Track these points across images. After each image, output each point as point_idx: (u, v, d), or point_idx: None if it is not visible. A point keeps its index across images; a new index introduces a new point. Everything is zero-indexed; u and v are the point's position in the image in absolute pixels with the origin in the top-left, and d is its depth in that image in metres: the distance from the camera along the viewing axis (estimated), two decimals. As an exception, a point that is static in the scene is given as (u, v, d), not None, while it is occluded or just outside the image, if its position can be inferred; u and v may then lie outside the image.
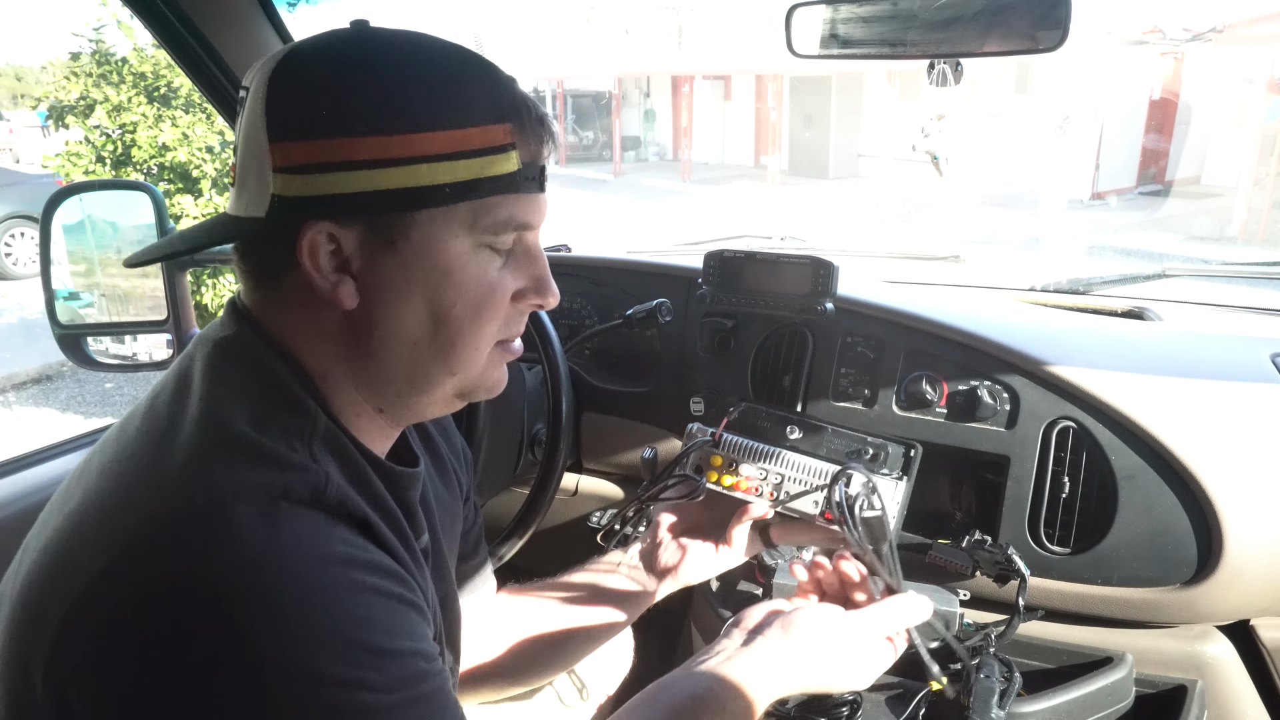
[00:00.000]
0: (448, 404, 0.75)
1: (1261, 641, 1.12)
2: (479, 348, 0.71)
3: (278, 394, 0.67)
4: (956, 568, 1.14)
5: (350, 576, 0.59)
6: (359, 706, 0.56)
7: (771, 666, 0.83)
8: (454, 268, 0.67)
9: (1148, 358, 1.30)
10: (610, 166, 20.30)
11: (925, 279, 1.83)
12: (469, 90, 0.67)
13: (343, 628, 0.57)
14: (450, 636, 0.90)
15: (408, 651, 0.61)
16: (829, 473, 0.95)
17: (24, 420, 5.89)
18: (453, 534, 0.95)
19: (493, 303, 0.70)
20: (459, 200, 0.66)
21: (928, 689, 1.00)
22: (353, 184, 0.64)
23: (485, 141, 0.66)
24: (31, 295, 8.07)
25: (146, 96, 5.29)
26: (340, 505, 0.62)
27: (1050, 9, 1.09)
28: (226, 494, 0.58)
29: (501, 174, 0.67)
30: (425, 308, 0.68)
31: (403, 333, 0.69)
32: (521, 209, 0.69)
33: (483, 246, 0.69)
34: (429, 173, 0.64)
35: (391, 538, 0.67)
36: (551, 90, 21.37)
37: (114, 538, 0.58)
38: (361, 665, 0.57)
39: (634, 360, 1.55)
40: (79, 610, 0.56)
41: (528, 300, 0.74)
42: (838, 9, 1.23)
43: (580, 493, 1.60)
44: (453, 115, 0.65)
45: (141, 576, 0.56)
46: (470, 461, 1.06)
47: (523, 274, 0.73)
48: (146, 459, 0.63)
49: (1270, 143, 11.12)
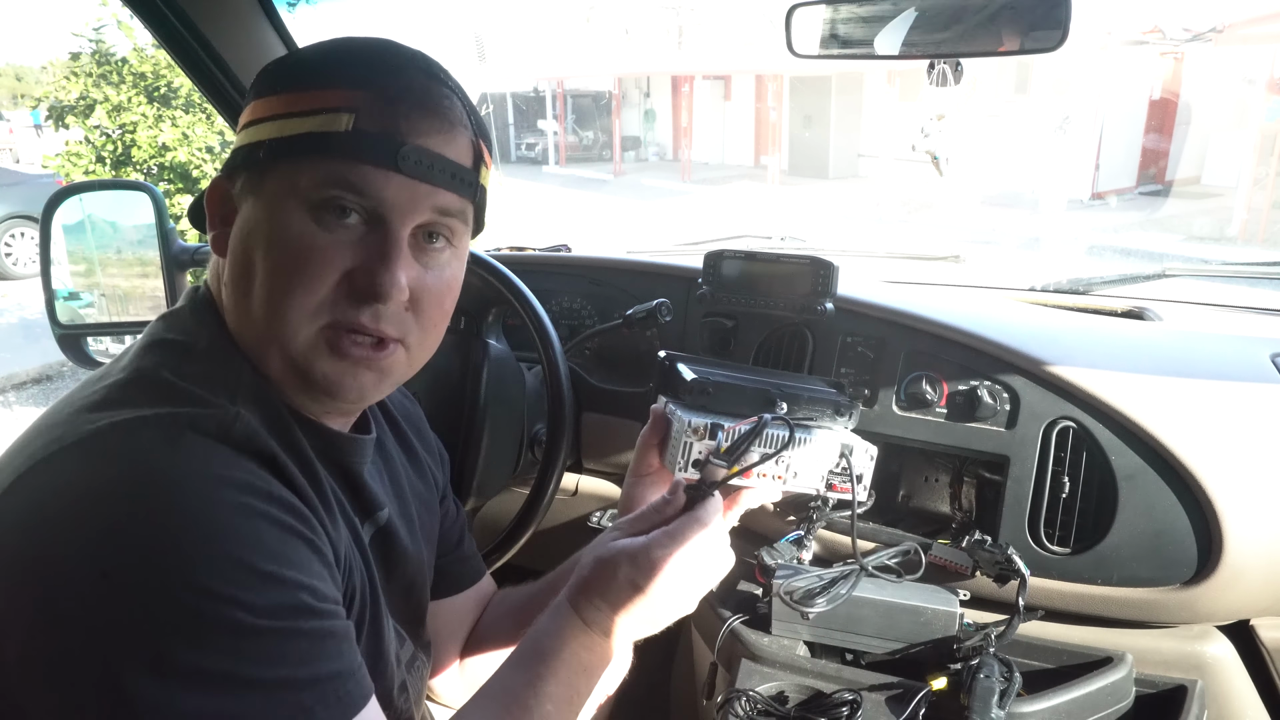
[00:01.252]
0: (297, 388, 0.72)
1: (1261, 641, 1.12)
2: (290, 315, 0.68)
3: (206, 352, 0.70)
4: (956, 568, 1.14)
5: (242, 500, 0.60)
6: (232, 624, 0.56)
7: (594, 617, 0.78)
8: (278, 224, 0.69)
9: (1148, 358, 1.30)
10: (610, 166, 20.30)
11: (925, 279, 1.83)
12: (334, 62, 0.72)
13: (226, 545, 0.57)
14: (412, 625, 0.91)
15: (292, 582, 0.60)
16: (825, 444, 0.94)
17: (24, 420, 5.89)
18: (428, 526, 0.96)
19: (306, 269, 0.68)
20: (288, 156, 0.69)
21: (927, 689, 1.00)
22: (238, 142, 0.73)
23: (321, 103, 0.69)
24: (31, 295, 8.07)
25: (146, 96, 5.29)
26: (248, 441, 0.63)
27: (1050, 9, 1.09)
28: (134, 420, 0.61)
29: (327, 132, 0.68)
30: (250, 262, 0.70)
31: (237, 285, 0.71)
32: (351, 174, 0.68)
33: (313, 210, 0.68)
34: (271, 129, 0.70)
35: (303, 483, 0.67)
36: (551, 90, 21.38)
37: (22, 459, 0.61)
38: (240, 584, 0.57)
39: (634, 360, 1.55)
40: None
41: (358, 284, 0.69)
42: (838, 9, 1.23)
43: (580, 493, 1.60)
44: (303, 77, 0.71)
45: (42, 483, 0.59)
46: (446, 460, 1.06)
47: (359, 255, 0.69)
48: (68, 401, 0.66)
49: (1270, 143, 11.12)
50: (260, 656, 0.57)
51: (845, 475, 0.93)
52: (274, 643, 0.58)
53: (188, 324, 0.73)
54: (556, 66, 21.06)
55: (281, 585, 0.59)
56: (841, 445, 0.95)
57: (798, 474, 0.97)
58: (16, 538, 0.58)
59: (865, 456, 0.95)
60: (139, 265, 1.87)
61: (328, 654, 0.61)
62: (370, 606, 0.76)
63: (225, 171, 0.74)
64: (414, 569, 0.90)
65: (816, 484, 0.95)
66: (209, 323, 0.73)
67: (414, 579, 0.90)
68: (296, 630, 0.59)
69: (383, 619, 0.80)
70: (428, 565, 0.96)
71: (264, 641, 0.57)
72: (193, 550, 0.56)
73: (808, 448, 0.96)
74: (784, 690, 1.06)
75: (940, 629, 1.06)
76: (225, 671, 0.56)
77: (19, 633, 0.56)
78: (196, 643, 0.55)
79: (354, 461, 0.80)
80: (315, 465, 0.71)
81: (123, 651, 0.54)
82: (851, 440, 0.95)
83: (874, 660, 1.10)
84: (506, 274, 1.32)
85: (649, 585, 0.77)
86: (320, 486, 0.71)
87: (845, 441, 0.95)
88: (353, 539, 0.76)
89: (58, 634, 0.55)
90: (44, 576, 0.56)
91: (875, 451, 0.95)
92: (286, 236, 0.68)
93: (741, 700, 1.03)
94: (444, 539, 1.03)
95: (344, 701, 0.61)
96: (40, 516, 0.58)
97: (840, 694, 1.02)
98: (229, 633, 0.56)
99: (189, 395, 0.64)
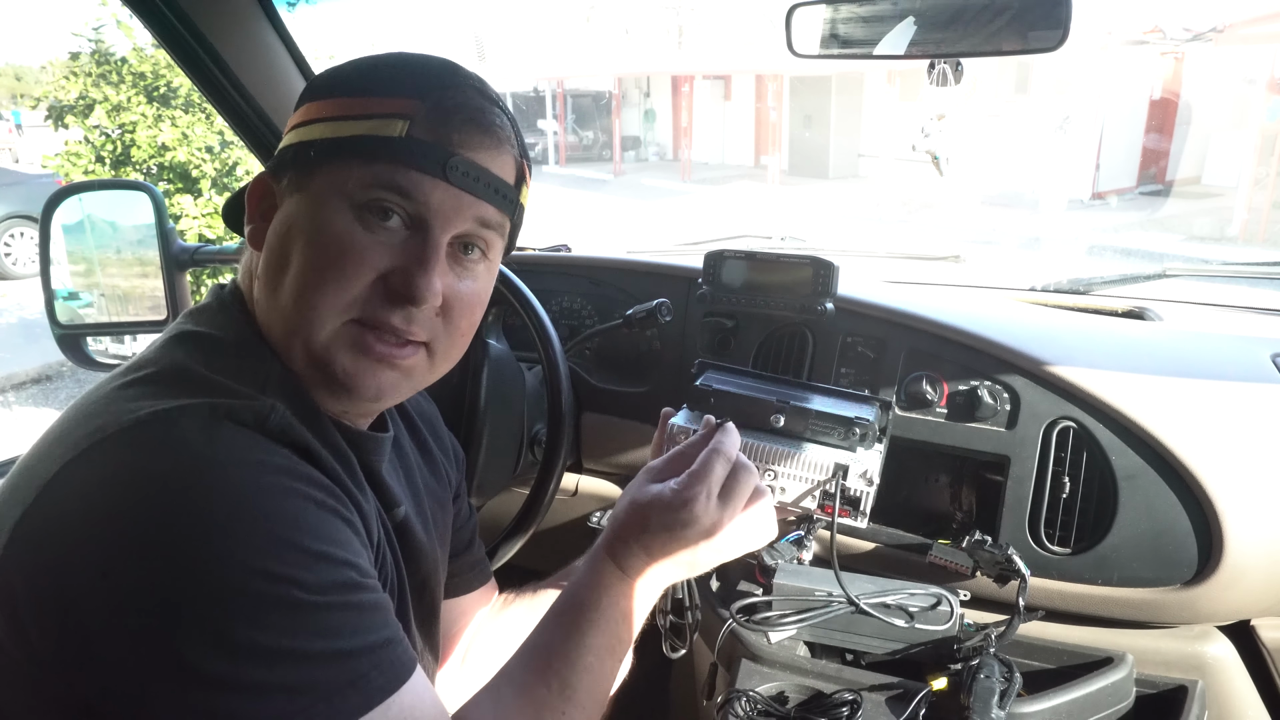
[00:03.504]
0: (317, 379, 0.72)
1: (1262, 641, 1.12)
2: (317, 308, 0.69)
3: (236, 345, 0.71)
4: (957, 568, 1.14)
5: (284, 483, 0.62)
6: (289, 602, 0.58)
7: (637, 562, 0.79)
8: (321, 220, 0.70)
9: (1148, 358, 1.30)
10: (610, 166, 20.30)
11: (925, 279, 1.83)
12: (392, 71, 0.74)
13: (274, 526, 0.59)
14: (424, 624, 0.91)
15: (338, 559, 0.62)
16: (820, 461, 0.95)
17: (24, 420, 5.89)
18: (442, 524, 0.97)
19: (343, 264, 0.69)
20: (338, 156, 0.70)
21: (928, 689, 1.00)
22: (287, 141, 0.75)
23: (375, 109, 0.71)
24: (31, 295, 8.07)
25: (146, 96, 5.29)
26: (283, 433, 0.65)
27: (1050, 9, 1.09)
28: (173, 410, 0.62)
29: (379, 136, 0.70)
30: (285, 256, 0.71)
31: (269, 278, 0.73)
32: (400, 178, 0.70)
33: (357, 209, 0.70)
34: (324, 129, 0.72)
35: (338, 469, 0.69)
36: (551, 90, 21.37)
37: (66, 448, 0.62)
38: (291, 563, 0.59)
39: (634, 360, 1.55)
40: (30, 515, 0.60)
41: (393, 285, 0.70)
42: (838, 9, 1.23)
43: (580, 493, 1.60)
44: (360, 83, 0.73)
45: (89, 474, 0.60)
46: (462, 460, 1.07)
47: (398, 256, 0.71)
48: (94, 398, 0.67)
49: (1270, 143, 11.12)
50: (316, 630, 0.59)
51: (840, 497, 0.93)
52: (327, 617, 0.60)
53: (216, 319, 0.74)
54: (556, 66, 21.05)
55: (330, 563, 0.61)
56: (835, 465, 0.94)
57: (785, 489, 0.98)
58: (67, 527, 0.59)
59: (861, 479, 0.95)
60: (138, 265, 1.87)
61: (376, 624, 0.63)
62: (398, 594, 0.78)
63: (271, 168, 0.75)
64: (429, 567, 0.90)
65: (806, 502, 0.96)
66: (237, 318, 0.74)
67: (428, 576, 0.91)
68: (346, 604, 0.61)
69: (408, 607, 0.81)
70: (442, 564, 0.96)
71: (318, 616, 0.59)
72: (244, 533, 0.58)
73: (797, 464, 0.96)
74: (784, 690, 1.06)
75: (940, 629, 1.06)
76: (284, 646, 0.57)
77: (78, 620, 0.57)
78: (255, 620, 0.57)
79: (372, 459, 0.80)
80: (348, 453, 0.73)
81: (185, 631, 0.55)
82: (850, 461, 0.94)
83: (874, 660, 1.10)
84: (506, 274, 1.32)
85: (683, 528, 0.78)
86: (354, 472, 0.73)
87: (840, 461, 0.95)
88: (383, 529, 0.77)
89: (120, 620, 0.56)
90: (101, 564, 0.57)
91: (874, 473, 0.95)
92: (328, 232, 0.70)
93: (741, 700, 1.03)
94: (456, 540, 1.03)
95: (395, 666, 0.63)
96: (91, 505, 0.59)
97: (840, 694, 1.02)
98: (285, 609, 0.58)
99: (223, 387, 0.66)
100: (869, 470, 0.94)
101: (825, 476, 0.95)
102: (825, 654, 1.12)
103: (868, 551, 1.24)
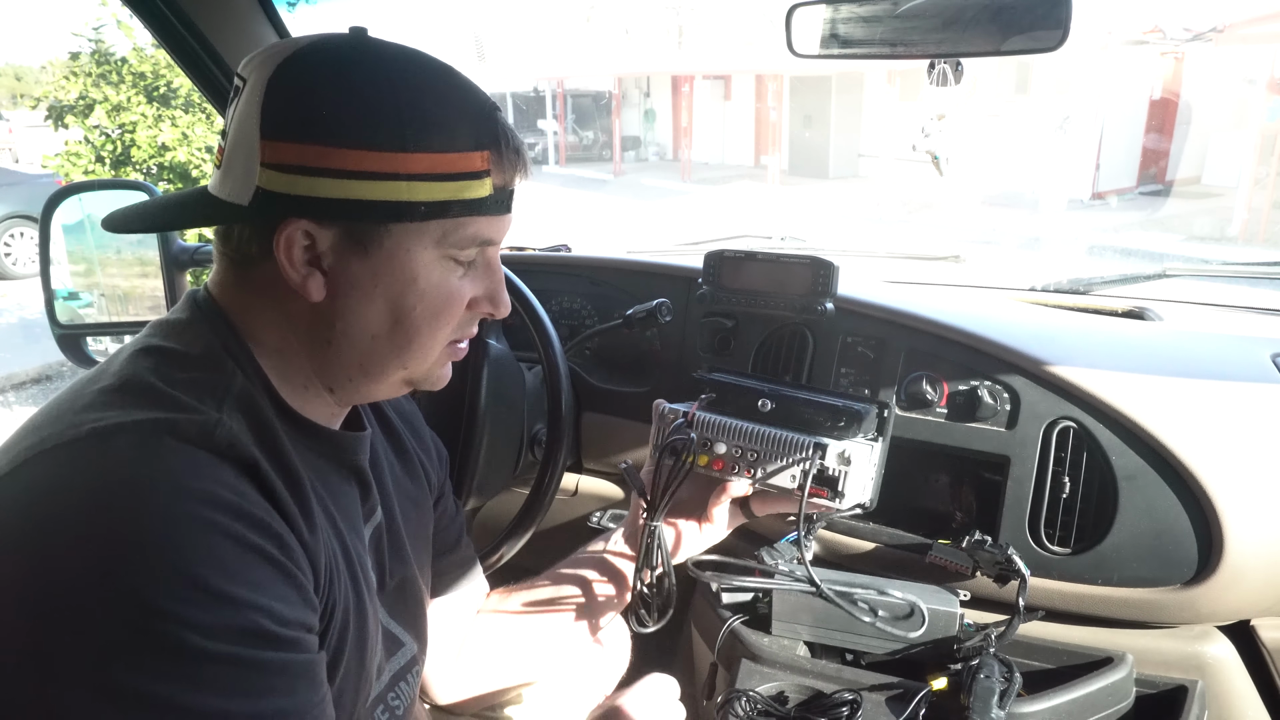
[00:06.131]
0: (394, 390, 0.80)
1: (1262, 642, 1.12)
2: (433, 348, 0.77)
3: (199, 359, 0.70)
4: (956, 568, 1.14)
5: (207, 515, 0.58)
6: (176, 644, 0.54)
7: None
8: (419, 275, 0.73)
9: (1148, 358, 1.30)
10: (610, 166, 20.29)
11: (925, 279, 1.83)
12: (454, 115, 0.71)
13: (178, 559, 0.56)
14: (411, 620, 0.91)
15: (246, 603, 0.58)
16: (802, 445, 0.96)
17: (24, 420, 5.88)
18: (418, 524, 0.96)
19: (450, 309, 0.76)
20: (432, 218, 0.71)
21: (927, 689, 1.00)
22: (336, 190, 0.67)
23: (463, 167, 0.70)
24: (31, 295, 8.07)
25: (146, 96, 5.29)
26: (229, 448, 0.63)
27: (1050, 9, 1.09)
28: (113, 425, 0.61)
29: (475, 198, 0.72)
30: (387, 308, 0.73)
31: (364, 328, 0.73)
32: (488, 228, 0.75)
33: (447, 259, 0.74)
34: (408, 190, 0.69)
35: (284, 493, 0.66)
36: (551, 90, 21.37)
37: (7, 459, 0.62)
38: (189, 601, 0.55)
39: (634, 360, 1.55)
40: None
41: (481, 308, 0.79)
42: (838, 9, 1.23)
43: (580, 493, 1.60)
44: (437, 138, 0.69)
45: (19, 488, 0.60)
46: (445, 459, 1.07)
47: (480, 284, 0.78)
48: (58, 402, 0.67)
49: (1270, 143, 11.11)
50: (202, 683, 0.55)
51: (823, 479, 0.95)
52: (218, 669, 0.56)
53: (184, 333, 0.72)
54: (556, 66, 21.05)
55: (234, 606, 0.57)
56: (813, 445, 0.96)
57: (768, 471, 0.99)
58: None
59: (837, 459, 0.96)
60: (138, 265, 1.87)
61: (276, 688, 0.59)
62: (356, 614, 0.75)
63: (314, 216, 0.69)
64: (408, 568, 0.90)
65: (789, 484, 0.97)
66: (205, 333, 0.72)
67: (408, 577, 0.90)
68: (245, 659, 0.57)
69: (368, 628, 0.78)
70: (423, 565, 0.96)
71: (209, 667, 0.55)
72: (145, 565, 0.55)
73: (779, 447, 0.98)
74: (784, 690, 1.06)
75: (940, 629, 1.06)
76: (164, 697, 0.54)
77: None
78: (137, 664, 0.54)
79: (357, 458, 0.81)
80: (299, 474, 0.70)
81: (65, 668, 0.53)
82: (829, 443, 0.96)
83: (874, 660, 1.10)
84: (507, 274, 1.32)
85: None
86: (303, 496, 0.69)
87: (818, 442, 0.96)
88: (340, 547, 0.75)
89: (9, 644, 0.54)
90: (4, 582, 0.56)
91: (851, 454, 0.96)
92: (429, 286, 0.73)
93: (741, 700, 1.03)
94: (442, 539, 1.03)
95: None
96: (11, 519, 0.58)
97: (840, 694, 1.02)
98: (172, 654, 0.54)
99: (175, 401, 0.64)
100: (847, 451, 0.95)
101: (803, 456, 0.97)
102: (825, 654, 1.12)
103: (868, 551, 1.24)
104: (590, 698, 1.17)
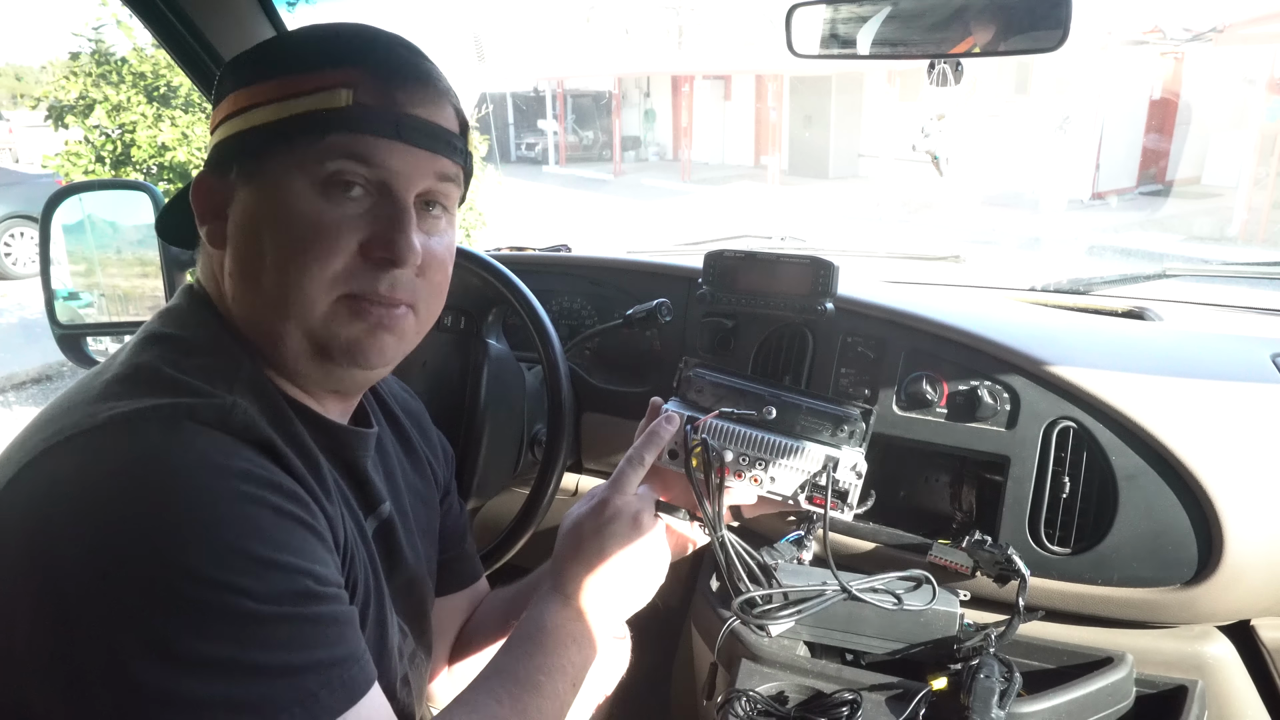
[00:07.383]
0: (314, 362, 0.73)
1: (1262, 641, 1.12)
2: (306, 290, 0.70)
3: (204, 346, 0.71)
4: (957, 568, 1.14)
5: (241, 488, 0.60)
6: (236, 611, 0.57)
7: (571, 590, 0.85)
8: (285, 204, 0.70)
9: (1148, 358, 1.30)
10: (610, 166, 20.30)
11: (925, 279, 1.83)
12: (316, 41, 0.73)
13: (226, 532, 0.58)
14: (414, 622, 0.91)
15: (293, 568, 0.61)
16: (810, 454, 0.96)
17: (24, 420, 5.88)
18: (426, 523, 0.96)
19: (320, 243, 0.70)
20: (297, 139, 0.70)
21: (928, 689, 1.00)
22: (221, 134, 0.73)
23: (318, 84, 0.70)
24: (31, 295, 8.07)
25: (146, 96, 5.29)
26: (246, 430, 0.64)
27: (1050, 9, 1.09)
28: (133, 412, 0.61)
29: (329, 109, 0.70)
30: (257, 246, 0.71)
31: (244, 271, 0.72)
32: (355, 144, 0.70)
33: (318, 186, 0.70)
34: (265, 113, 0.70)
35: (303, 470, 0.68)
36: (551, 90, 21.38)
37: (26, 450, 0.62)
38: (240, 571, 0.57)
39: (634, 360, 1.55)
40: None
41: (374, 254, 0.71)
42: (838, 9, 1.23)
43: (580, 493, 1.60)
44: (291, 63, 0.72)
45: (43, 477, 0.60)
46: (451, 458, 1.07)
47: (370, 225, 0.71)
48: (68, 396, 0.67)
49: (1270, 143, 11.12)
50: (263, 642, 0.58)
51: (828, 489, 0.95)
52: (277, 628, 0.58)
53: (185, 319, 0.73)
54: (556, 66, 21.04)
55: (283, 571, 0.60)
56: (825, 457, 0.95)
57: (775, 479, 0.98)
58: (20, 530, 0.59)
59: (851, 472, 0.96)
60: (139, 265, 1.87)
61: (330, 639, 0.62)
62: (375, 597, 0.77)
63: (211, 167, 0.74)
64: (414, 565, 0.90)
65: (795, 492, 0.96)
66: (206, 318, 0.73)
67: (414, 575, 0.90)
68: (299, 615, 0.60)
69: (387, 611, 0.80)
70: (429, 562, 0.96)
71: (267, 628, 0.58)
72: (194, 539, 0.57)
73: (787, 455, 0.97)
74: (784, 690, 1.06)
75: (940, 629, 1.06)
76: (229, 658, 0.56)
77: (25, 623, 0.57)
78: (200, 630, 0.56)
79: (357, 454, 0.80)
80: (316, 454, 0.72)
81: (128, 640, 0.55)
82: (840, 454, 0.95)
83: (874, 660, 1.10)
84: (506, 274, 1.32)
85: (609, 524, 0.85)
86: (321, 474, 0.71)
87: (831, 454, 0.96)
88: (356, 529, 0.76)
89: (63, 624, 0.55)
90: (48, 567, 0.56)
91: (863, 467, 0.95)
92: (296, 215, 0.70)
93: (741, 700, 1.03)
94: (447, 536, 1.03)
95: (348, 686, 0.61)
96: (43, 508, 0.59)
97: (840, 694, 1.02)
98: (232, 619, 0.56)
99: (189, 387, 0.65)
100: (857, 464, 0.95)
101: (816, 468, 0.96)
102: (825, 654, 1.12)
103: (868, 551, 1.24)
104: (590, 698, 1.17)
